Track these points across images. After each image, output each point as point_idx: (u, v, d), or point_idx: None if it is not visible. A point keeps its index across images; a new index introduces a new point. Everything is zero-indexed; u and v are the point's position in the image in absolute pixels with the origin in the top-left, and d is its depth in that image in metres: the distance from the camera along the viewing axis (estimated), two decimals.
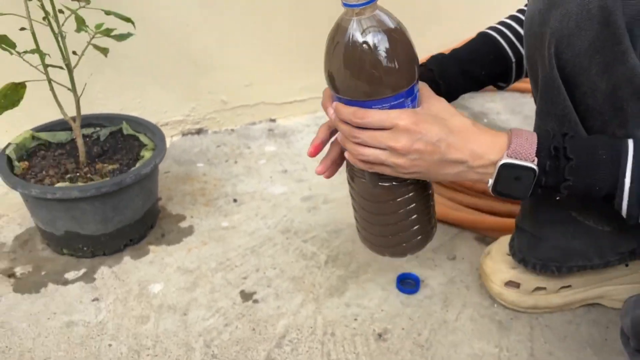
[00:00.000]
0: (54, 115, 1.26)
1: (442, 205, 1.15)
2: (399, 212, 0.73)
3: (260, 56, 1.44)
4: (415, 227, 0.75)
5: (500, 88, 0.94)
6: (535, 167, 0.65)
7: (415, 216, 0.74)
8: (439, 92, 0.75)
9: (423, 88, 0.70)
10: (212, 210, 1.20)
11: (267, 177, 1.32)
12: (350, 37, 0.62)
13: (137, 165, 1.03)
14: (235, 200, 1.23)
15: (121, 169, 1.06)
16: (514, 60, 0.89)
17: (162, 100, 1.39)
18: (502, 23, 0.92)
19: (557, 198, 0.69)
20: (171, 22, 1.31)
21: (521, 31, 0.84)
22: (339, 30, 0.64)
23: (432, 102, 0.69)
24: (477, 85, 0.90)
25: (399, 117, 0.64)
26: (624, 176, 0.63)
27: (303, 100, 1.55)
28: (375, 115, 0.65)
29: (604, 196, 0.66)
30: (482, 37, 0.91)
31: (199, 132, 1.48)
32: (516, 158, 0.65)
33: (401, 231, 0.75)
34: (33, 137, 1.10)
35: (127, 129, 1.16)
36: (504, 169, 0.65)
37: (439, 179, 0.74)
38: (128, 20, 1.02)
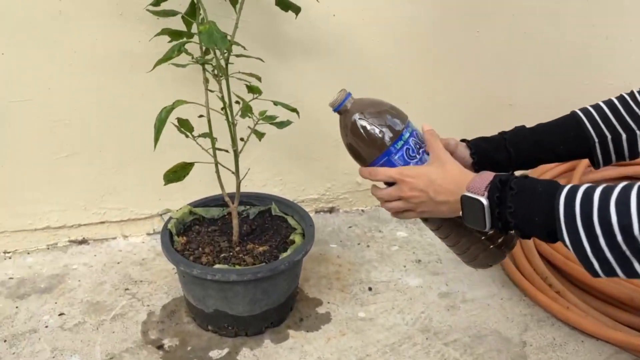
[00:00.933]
0: (203, 191, 1.34)
1: (597, 321, 1.07)
2: (447, 238, 0.92)
3: None
4: (472, 248, 0.89)
5: (594, 166, 0.94)
6: (484, 199, 0.74)
7: (463, 240, 0.89)
8: (509, 159, 0.93)
9: (434, 146, 0.85)
10: (348, 297, 1.19)
11: (400, 266, 1.30)
12: (342, 128, 0.91)
13: (289, 251, 1.05)
14: (370, 289, 1.22)
15: (271, 251, 1.08)
16: (596, 140, 0.90)
17: (301, 179, 1.42)
18: (594, 105, 0.93)
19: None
20: (321, 107, 1.35)
21: (610, 115, 0.90)
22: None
23: (433, 158, 0.84)
24: (554, 156, 0.94)
25: (397, 173, 0.84)
26: (558, 205, 0.68)
27: None
28: (380, 174, 0.86)
29: (548, 233, 0.71)
30: (569, 115, 0.94)
31: (331, 210, 1.50)
32: (470, 191, 0.76)
33: (462, 252, 0.91)
34: (190, 212, 1.16)
35: (275, 210, 1.20)
36: (464, 201, 0.77)
37: (445, 216, 0.85)
38: (294, 110, 1.07)
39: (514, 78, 1.45)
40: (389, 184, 0.87)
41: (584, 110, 0.93)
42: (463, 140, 1.01)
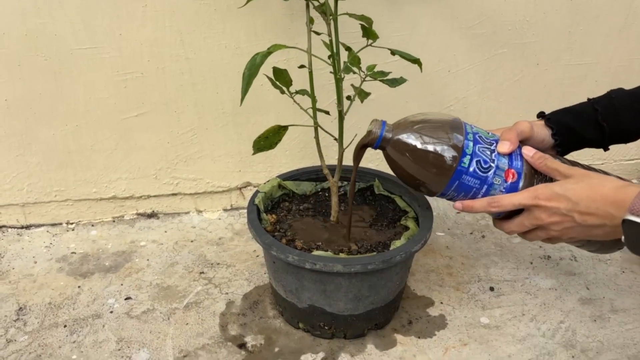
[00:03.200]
0: (286, 163, 1.15)
1: None
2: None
3: (522, 112, 1.20)
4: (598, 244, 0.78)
5: None
6: None
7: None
8: (602, 135, 0.80)
9: (555, 165, 0.74)
10: (465, 297, 0.97)
11: (526, 263, 1.06)
12: (390, 162, 0.81)
13: (403, 239, 0.84)
14: (492, 289, 1.00)
15: (378, 238, 0.88)
16: None
17: None
18: None
19: None
20: (434, 66, 1.13)
21: None
22: None
23: (565, 176, 0.72)
24: None
25: (527, 198, 0.72)
26: None
27: None
28: (505, 202, 0.73)
29: None
30: None
31: None
32: (636, 214, 0.61)
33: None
34: (279, 186, 0.96)
35: (378, 188, 0.99)
36: (629, 228, 0.62)
37: (600, 239, 0.72)
38: (416, 61, 0.85)
39: None
40: (516, 211, 0.75)
41: None
42: (540, 116, 0.87)
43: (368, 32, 0.81)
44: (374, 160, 1.20)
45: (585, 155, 1.26)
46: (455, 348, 0.87)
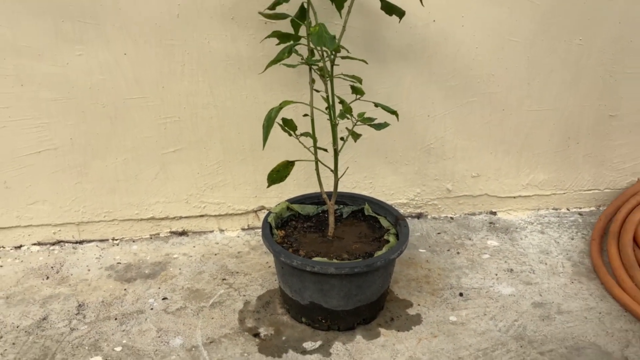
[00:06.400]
0: (294, 190, 1.39)
1: None
2: None
3: (492, 149, 1.44)
4: None
5: None
6: None
7: None
8: None
9: None
10: (439, 301, 1.19)
11: (492, 274, 1.28)
12: None
13: (384, 249, 1.07)
14: (461, 295, 1.21)
15: (365, 249, 1.11)
16: None
17: (391, 183, 1.44)
18: None
19: None
20: (416, 112, 1.37)
21: None
22: None
23: None
24: None
25: None
26: None
27: (528, 196, 1.50)
28: None
29: None
30: None
31: (419, 216, 1.50)
32: None
33: None
34: (288, 208, 1.20)
35: (368, 210, 1.22)
36: None
37: None
38: (393, 112, 1.09)
39: (618, 88, 1.40)
40: None
41: None
42: None
43: (356, 90, 1.06)
44: (367, 189, 1.43)
45: (548, 185, 1.50)
46: (427, 339, 1.09)
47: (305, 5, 1.05)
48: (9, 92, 1.21)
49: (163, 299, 1.20)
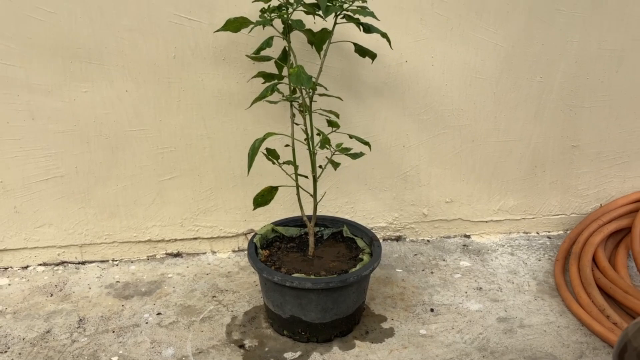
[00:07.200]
0: (281, 215, 1.50)
1: None
2: None
3: (464, 177, 1.56)
4: None
5: None
6: None
7: None
8: None
9: None
10: (411, 316, 1.29)
11: (462, 292, 1.38)
12: None
13: (358, 267, 1.17)
14: (432, 310, 1.31)
15: (342, 267, 1.21)
16: None
17: (371, 208, 1.56)
18: None
19: None
20: (391, 143, 1.49)
21: None
22: None
23: None
24: None
25: None
26: None
27: (499, 220, 1.61)
28: None
29: None
30: None
31: (398, 239, 1.61)
32: None
33: None
34: (272, 230, 1.32)
35: (346, 232, 1.33)
36: None
37: None
38: (366, 143, 1.21)
39: (578, 121, 1.53)
40: None
41: None
42: None
43: (332, 123, 1.18)
44: (349, 213, 1.55)
45: (518, 210, 1.61)
46: (398, 350, 1.19)
47: (287, 49, 1.18)
48: (21, 125, 1.34)
49: (157, 314, 1.30)
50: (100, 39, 1.29)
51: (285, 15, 1.11)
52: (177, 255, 1.54)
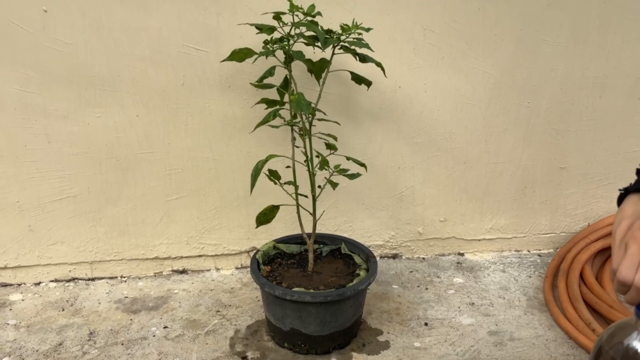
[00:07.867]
0: (282, 233, 1.57)
1: None
2: None
3: (457, 197, 1.63)
4: None
5: None
6: None
7: None
8: None
9: None
10: (406, 329, 1.36)
11: (455, 307, 1.45)
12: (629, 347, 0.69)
13: (355, 281, 1.24)
14: (426, 324, 1.38)
15: (340, 282, 1.28)
16: None
17: (368, 226, 1.63)
18: None
19: None
20: (387, 164, 1.57)
21: None
22: (618, 333, 0.71)
23: None
24: None
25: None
26: None
27: (491, 239, 1.68)
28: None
29: None
30: None
31: (394, 256, 1.68)
32: None
33: None
34: (274, 247, 1.39)
35: (344, 249, 1.40)
36: None
37: None
38: (362, 164, 1.29)
39: (565, 144, 1.61)
40: None
41: None
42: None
43: (330, 146, 1.26)
44: (347, 231, 1.62)
45: (509, 229, 1.68)
46: None
47: (288, 77, 1.27)
48: (38, 148, 1.42)
49: (164, 327, 1.37)
50: (114, 68, 1.38)
51: (286, 47, 1.20)
52: (183, 272, 1.61)
